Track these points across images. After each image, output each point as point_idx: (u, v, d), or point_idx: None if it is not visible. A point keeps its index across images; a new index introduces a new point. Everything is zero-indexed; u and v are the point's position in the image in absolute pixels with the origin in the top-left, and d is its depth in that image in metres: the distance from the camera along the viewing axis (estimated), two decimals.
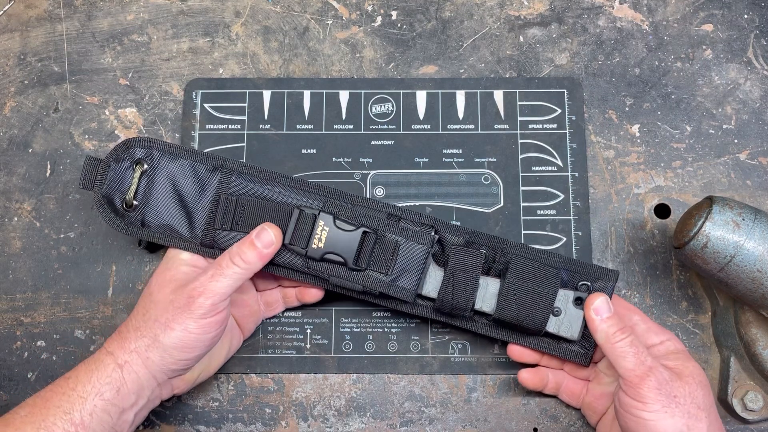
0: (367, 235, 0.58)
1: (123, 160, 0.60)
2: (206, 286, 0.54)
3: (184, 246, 0.60)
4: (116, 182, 0.60)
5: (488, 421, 0.63)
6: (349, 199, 0.60)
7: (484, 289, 0.59)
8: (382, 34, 0.71)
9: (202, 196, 0.60)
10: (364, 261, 0.58)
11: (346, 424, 0.63)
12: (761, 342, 0.60)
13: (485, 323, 0.60)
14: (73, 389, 0.52)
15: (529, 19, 0.71)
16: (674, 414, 0.52)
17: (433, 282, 0.59)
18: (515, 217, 0.66)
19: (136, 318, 0.55)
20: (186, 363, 0.55)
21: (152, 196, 0.60)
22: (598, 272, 0.60)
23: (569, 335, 0.59)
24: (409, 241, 0.58)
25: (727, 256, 0.55)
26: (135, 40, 0.71)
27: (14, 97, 0.70)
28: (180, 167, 0.60)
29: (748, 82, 0.69)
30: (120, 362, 0.53)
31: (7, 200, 0.67)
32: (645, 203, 0.67)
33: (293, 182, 0.60)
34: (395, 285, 0.58)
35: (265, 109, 0.69)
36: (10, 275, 0.66)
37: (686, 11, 0.71)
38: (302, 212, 0.58)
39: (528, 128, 0.68)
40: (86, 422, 0.51)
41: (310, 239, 0.58)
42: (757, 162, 0.67)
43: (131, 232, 0.60)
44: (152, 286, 0.57)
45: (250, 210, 0.59)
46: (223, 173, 0.60)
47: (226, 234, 0.59)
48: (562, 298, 0.59)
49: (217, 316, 0.54)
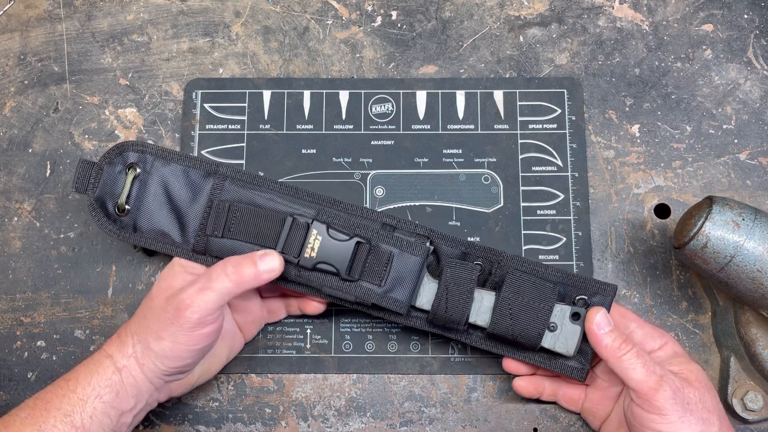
0: (361, 246, 0.57)
1: (116, 164, 0.59)
2: (193, 299, 0.53)
3: (176, 252, 0.59)
4: (109, 186, 0.59)
5: (488, 421, 0.63)
6: (343, 207, 0.60)
7: (478, 303, 0.58)
8: (382, 34, 0.71)
9: (194, 202, 0.59)
10: (356, 272, 0.57)
11: (346, 424, 0.63)
12: (761, 342, 0.60)
13: (479, 337, 0.59)
14: (73, 391, 0.52)
15: (529, 19, 0.71)
16: (690, 422, 0.51)
17: (427, 294, 0.58)
18: (515, 217, 0.66)
19: (136, 322, 0.55)
20: (179, 369, 0.55)
21: (144, 200, 0.59)
22: (595, 286, 0.59)
23: (565, 351, 0.57)
24: (403, 252, 0.57)
25: (727, 256, 0.55)
26: (135, 40, 0.71)
27: (14, 97, 0.70)
28: (173, 172, 0.59)
29: (748, 82, 0.69)
30: (119, 366, 0.53)
31: (7, 200, 0.67)
32: (645, 203, 0.67)
33: (287, 189, 0.60)
34: (388, 296, 0.57)
35: (265, 109, 0.69)
36: (10, 275, 0.66)
37: (686, 11, 0.71)
38: (295, 220, 0.57)
39: (528, 128, 0.68)
40: (86, 425, 0.51)
41: (302, 248, 0.57)
42: (757, 162, 0.67)
43: (123, 237, 0.59)
44: (153, 291, 0.56)
45: (242, 217, 0.58)
46: (216, 179, 0.59)
47: (218, 241, 0.58)
48: (558, 313, 0.57)
49: (206, 328, 0.53)
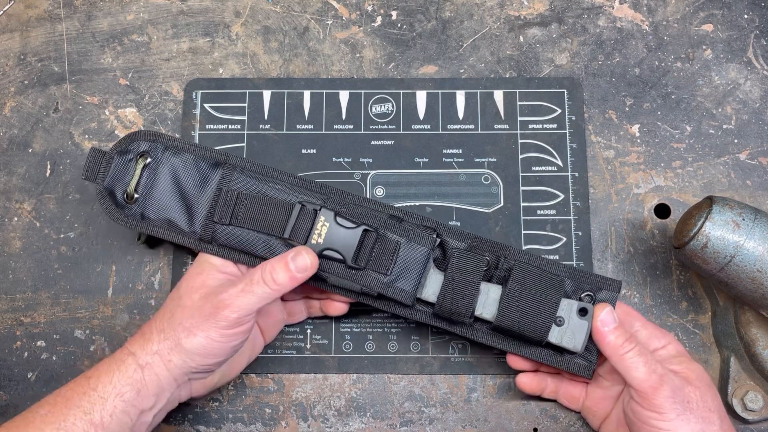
0: (368, 234, 0.58)
1: (127, 153, 0.60)
2: (234, 299, 0.53)
3: (183, 240, 0.59)
4: (119, 174, 0.59)
5: (488, 421, 0.63)
6: (352, 198, 0.60)
7: (485, 295, 0.58)
8: (382, 34, 0.71)
9: (203, 191, 0.60)
10: (363, 260, 0.57)
11: (346, 424, 0.63)
12: (761, 342, 0.60)
13: (485, 331, 0.59)
14: (93, 389, 0.52)
15: (529, 19, 0.71)
16: (689, 420, 0.52)
17: (433, 286, 0.58)
18: (515, 217, 0.66)
19: (162, 320, 0.55)
20: (207, 368, 0.55)
21: (154, 189, 0.59)
22: (601, 282, 0.58)
23: (572, 346, 0.57)
24: (410, 242, 0.57)
25: (727, 256, 0.55)
26: (135, 40, 0.71)
27: (14, 97, 0.70)
28: (183, 161, 0.60)
29: (748, 82, 0.69)
30: (141, 363, 0.53)
31: (7, 200, 0.67)
32: (645, 203, 0.67)
33: (296, 180, 0.60)
34: (394, 286, 0.57)
35: (265, 109, 0.69)
36: (10, 275, 0.66)
37: (686, 11, 0.71)
38: (303, 207, 0.58)
39: (528, 128, 0.68)
40: (106, 423, 0.51)
41: (309, 234, 0.57)
42: (757, 162, 0.67)
43: (130, 225, 0.59)
44: (181, 290, 0.56)
45: (251, 204, 0.58)
46: (226, 169, 0.60)
47: (226, 228, 0.58)
48: (566, 307, 0.57)
49: (241, 327, 0.54)
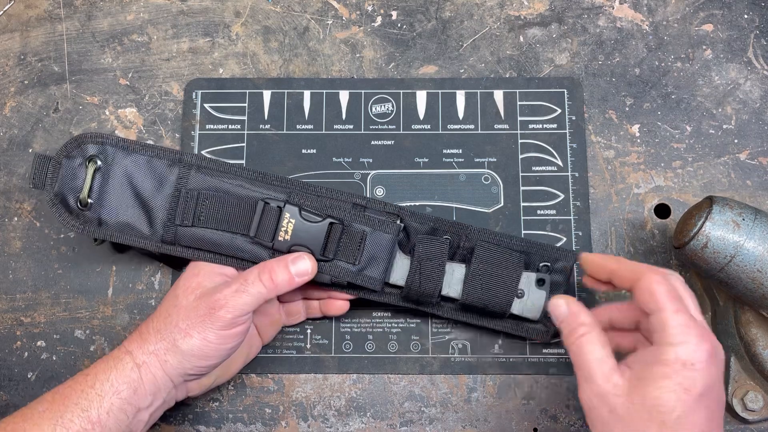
0: (334, 226, 0.58)
1: (75, 157, 0.58)
2: (228, 299, 0.53)
3: (144, 244, 0.59)
4: (69, 180, 0.58)
5: (488, 421, 0.63)
6: (314, 190, 0.60)
7: (450, 275, 0.60)
8: (382, 34, 0.71)
9: (160, 192, 0.59)
10: (331, 252, 0.58)
11: (346, 424, 0.63)
12: (761, 342, 0.60)
13: (452, 308, 0.62)
14: (91, 387, 0.52)
15: (529, 19, 0.71)
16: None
17: (400, 270, 0.60)
18: (515, 217, 0.66)
19: (158, 320, 0.55)
20: (203, 369, 0.55)
21: (108, 193, 0.58)
22: (557, 253, 0.61)
23: (532, 316, 0.60)
24: (375, 231, 0.59)
25: (727, 256, 0.55)
26: (135, 40, 0.71)
27: (14, 97, 0.69)
28: (135, 162, 0.59)
29: (748, 82, 0.69)
30: (138, 362, 0.53)
31: (7, 200, 0.67)
32: (645, 203, 0.67)
33: (255, 175, 0.60)
34: (363, 274, 0.59)
35: (265, 109, 0.69)
36: (10, 275, 0.66)
37: (686, 11, 0.71)
38: (267, 205, 0.58)
39: (528, 128, 0.68)
40: (103, 420, 0.51)
41: (276, 232, 0.58)
42: (757, 162, 0.67)
43: (88, 232, 0.58)
44: (178, 290, 0.56)
45: (212, 204, 0.58)
46: (182, 168, 0.59)
47: (188, 230, 0.58)
48: (525, 280, 0.60)
49: (237, 328, 0.54)
